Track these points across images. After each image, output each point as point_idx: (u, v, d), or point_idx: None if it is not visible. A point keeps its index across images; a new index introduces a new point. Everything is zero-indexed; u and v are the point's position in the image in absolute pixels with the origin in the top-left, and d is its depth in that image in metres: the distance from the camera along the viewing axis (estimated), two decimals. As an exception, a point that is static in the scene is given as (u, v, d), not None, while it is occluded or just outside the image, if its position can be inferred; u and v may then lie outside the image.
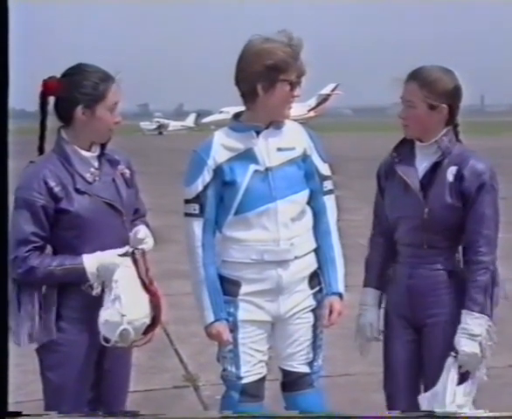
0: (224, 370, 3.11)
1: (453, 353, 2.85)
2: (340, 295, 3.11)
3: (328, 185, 3.16)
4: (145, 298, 2.83)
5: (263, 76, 2.93)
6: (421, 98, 2.91)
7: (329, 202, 3.16)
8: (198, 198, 3.01)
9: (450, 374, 2.84)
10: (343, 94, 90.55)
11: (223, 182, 3.00)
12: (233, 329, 3.04)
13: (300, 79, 2.99)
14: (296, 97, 3.02)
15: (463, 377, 2.86)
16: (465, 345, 2.83)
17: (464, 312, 2.87)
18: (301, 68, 2.98)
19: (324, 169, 3.15)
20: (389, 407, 3.12)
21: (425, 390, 3.04)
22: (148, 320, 2.83)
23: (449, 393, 2.82)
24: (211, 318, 3.02)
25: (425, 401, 2.91)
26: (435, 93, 2.90)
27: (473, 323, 2.84)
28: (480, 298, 2.87)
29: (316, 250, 3.13)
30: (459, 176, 2.90)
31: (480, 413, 2.85)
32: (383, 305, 3.15)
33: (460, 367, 2.85)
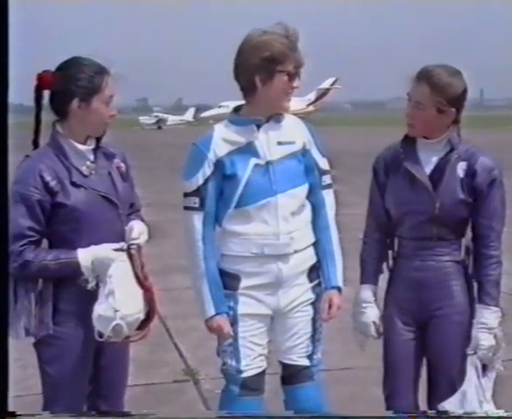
0: (224, 364, 3.11)
1: (470, 351, 2.88)
2: (339, 289, 3.12)
3: (326, 179, 3.16)
4: (139, 293, 2.83)
5: (261, 68, 2.93)
6: (432, 102, 2.89)
7: (328, 196, 3.16)
8: (199, 192, 3.01)
9: (475, 372, 2.86)
10: (343, 89, 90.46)
11: (223, 176, 2.99)
12: (233, 323, 3.04)
13: (298, 70, 2.99)
14: (295, 88, 3.01)
15: (483, 371, 2.89)
16: (484, 339, 2.87)
17: (480, 306, 2.91)
18: (299, 59, 2.98)
19: (323, 164, 3.15)
20: (388, 405, 3.11)
21: (430, 384, 3.05)
22: (142, 316, 2.83)
23: (480, 390, 2.85)
24: (211, 311, 3.01)
25: (451, 406, 2.88)
26: (446, 99, 2.89)
27: (491, 317, 2.89)
28: (495, 292, 2.92)
29: (315, 245, 3.13)
30: (470, 172, 2.92)
31: (497, 413, 2.87)
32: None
33: (480, 361, 2.87)
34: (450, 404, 2.90)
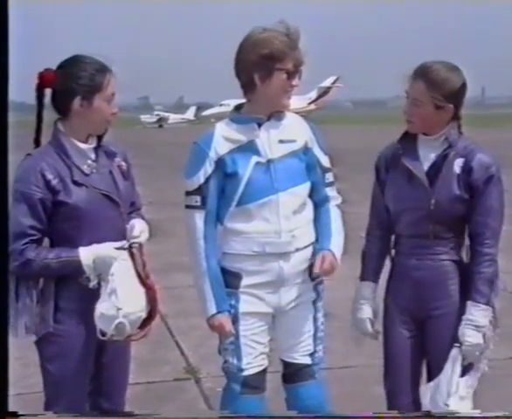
0: (226, 362, 3.11)
1: (456, 345, 2.87)
2: (333, 254, 3.05)
3: (329, 177, 3.17)
4: (141, 291, 2.83)
5: (259, 65, 2.93)
6: (429, 98, 2.89)
7: (331, 193, 3.17)
8: (200, 190, 3.00)
9: (454, 366, 2.86)
10: (344, 87, 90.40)
11: (224, 174, 2.99)
12: (234, 321, 3.04)
13: (297, 69, 2.97)
14: (294, 87, 3.00)
15: (466, 369, 2.88)
16: (469, 336, 2.85)
17: (469, 303, 2.89)
18: (299, 58, 2.97)
19: (325, 161, 3.15)
20: (389, 404, 3.12)
21: (429, 382, 3.04)
22: (144, 314, 2.83)
23: (453, 384, 2.84)
24: (213, 309, 3.01)
25: (427, 391, 2.92)
26: (443, 95, 2.89)
27: (478, 314, 2.86)
28: (486, 290, 2.88)
29: (316, 240, 3.12)
30: (466, 169, 2.91)
31: (476, 413, 2.86)
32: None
33: (463, 358, 2.86)
34: (428, 388, 2.91)
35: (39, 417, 2.80)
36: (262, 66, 2.93)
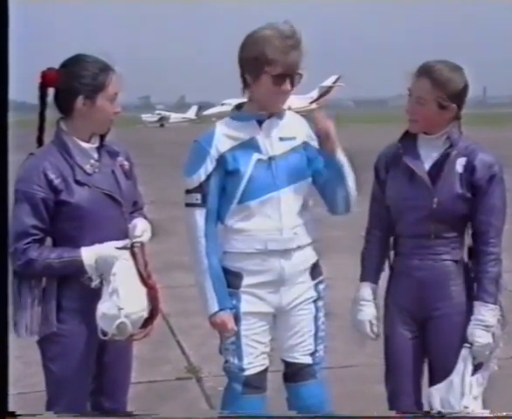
0: (227, 362, 3.11)
1: (467, 345, 2.87)
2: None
3: None
4: (143, 291, 2.83)
5: (249, 66, 2.93)
6: (432, 97, 2.89)
7: None
8: (201, 188, 3.00)
9: (466, 366, 2.86)
10: (345, 86, 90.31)
11: (226, 172, 2.99)
12: (236, 321, 3.03)
13: (290, 74, 2.91)
14: (286, 91, 2.95)
15: (476, 368, 2.88)
16: (479, 336, 2.85)
17: (478, 303, 2.89)
18: (291, 63, 2.90)
19: None
20: (391, 404, 3.11)
21: (432, 384, 3.04)
22: (145, 314, 2.83)
23: (466, 385, 2.84)
24: (215, 307, 3.00)
25: (437, 393, 2.90)
26: (447, 94, 2.89)
27: (488, 314, 2.87)
28: (493, 289, 2.89)
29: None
30: (469, 168, 2.91)
31: (482, 413, 2.86)
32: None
33: (474, 358, 2.87)
34: (438, 390, 2.90)
35: (39, 417, 2.81)
36: (251, 67, 2.93)
